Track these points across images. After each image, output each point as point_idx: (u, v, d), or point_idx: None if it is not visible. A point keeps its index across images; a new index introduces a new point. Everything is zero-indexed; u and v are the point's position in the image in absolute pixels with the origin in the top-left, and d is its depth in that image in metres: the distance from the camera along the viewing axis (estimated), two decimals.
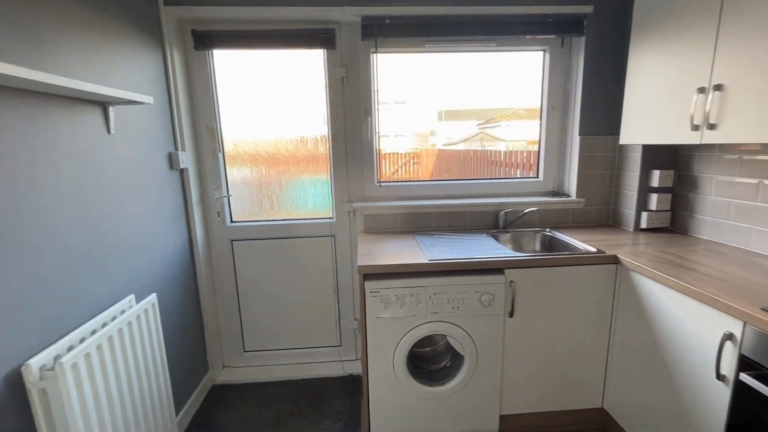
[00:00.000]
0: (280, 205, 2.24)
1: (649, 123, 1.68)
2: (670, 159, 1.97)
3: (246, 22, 1.95)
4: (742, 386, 1.11)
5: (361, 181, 2.18)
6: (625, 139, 1.82)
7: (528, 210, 2.07)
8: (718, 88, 1.37)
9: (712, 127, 1.40)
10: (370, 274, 1.59)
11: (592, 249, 1.71)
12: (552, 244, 2.03)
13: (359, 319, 2.29)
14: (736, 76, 1.32)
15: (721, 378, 1.18)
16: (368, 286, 1.56)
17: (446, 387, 1.69)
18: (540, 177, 2.27)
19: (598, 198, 2.19)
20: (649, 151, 1.97)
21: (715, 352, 1.19)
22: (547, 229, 2.10)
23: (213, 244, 2.19)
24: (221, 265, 2.22)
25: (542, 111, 2.22)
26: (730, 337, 1.14)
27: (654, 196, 1.96)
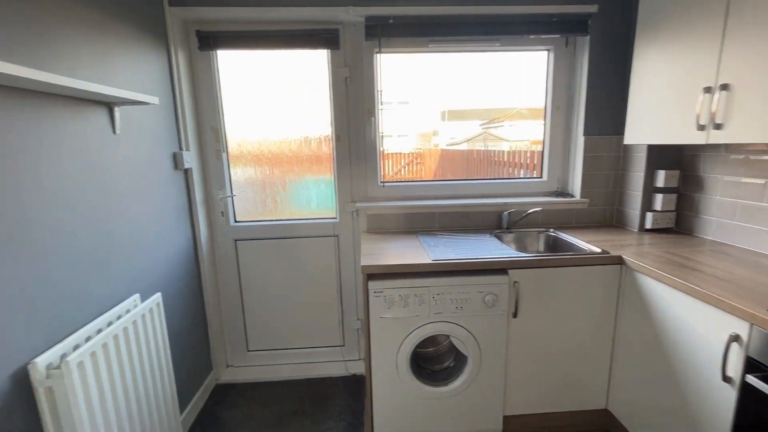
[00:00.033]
0: (284, 205, 2.25)
1: (654, 123, 1.68)
2: (675, 159, 1.96)
3: (250, 23, 1.95)
4: (748, 388, 1.10)
5: (365, 181, 2.18)
6: (630, 139, 1.81)
7: (532, 210, 2.07)
8: (725, 88, 1.36)
9: (719, 127, 1.39)
10: (374, 274, 1.59)
11: (597, 249, 1.70)
12: (556, 244, 2.02)
13: (362, 319, 2.29)
14: (743, 75, 1.31)
15: (727, 379, 1.17)
16: (372, 286, 1.57)
17: (449, 387, 1.69)
18: (544, 177, 2.27)
19: (603, 198, 2.18)
20: (654, 151, 1.95)
21: (721, 354, 1.18)
22: (551, 230, 2.10)
23: (217, 244, 2.20)
24: (225, 265, 2.23)
25: (546, 111, 2.21)
26: (736, 339, 1.14)
27: (659, 197, 1.95)
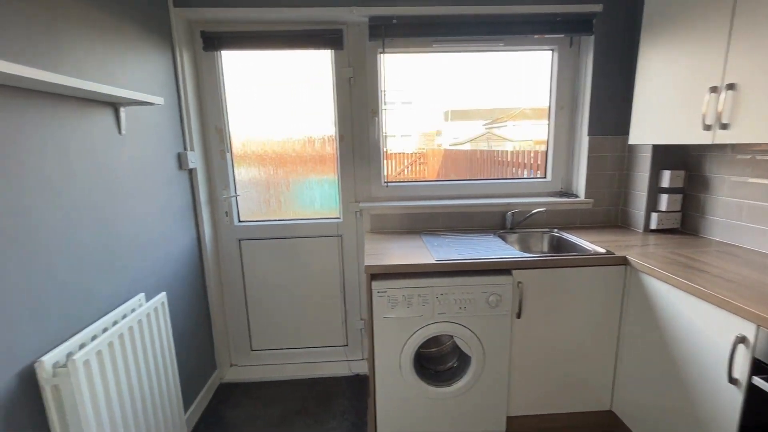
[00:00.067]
0: (288, 205, 2.25)
1: (660, 123, 1.67)
2: (681, 159, 1.95)
3: (254, 23, 1.96)
4: (755, 390, 1.09)
5: (368, 181, 2.18)
6: (635, 139, 1.80)
7: (536, 210, 2.06)
8: (731, 88, 1.35)
9: (725, 126, 1.38)
10: (378, 274, 1.59)
11: (601, 250, 1.69)
12: (560, 244, 2.01)
13: (366, 319, 2.30)
14: (750, 75, 1.30)
15: (734, 381, 1.16)
16: (375, 286, 1.57)
17: (453, 388, 1.68)
18: (548, 177, 2.26)
19: (607, 198, 2.17)
20: (659, 151, 1.94)
21: (727, 355, 1.18)
22: (555, 230, 2.09)
23: (221, 244, 2.21)
24: (229, 265, 2.24)
25: (550, 111, 2.20)
26: (742, 340, 1.13)
27: (664, 197, 1.94)
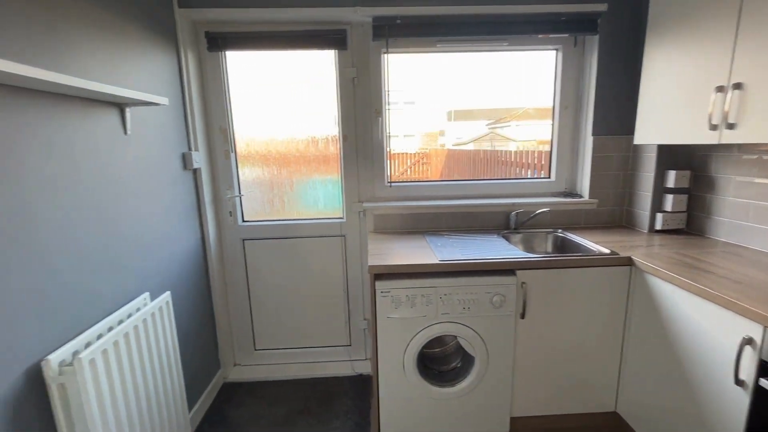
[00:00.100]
0: (291, 205, 2.26)
1: (665, 123, 1.65)
2: (686, 159, 1.94)
3: (258, 24, 1.96)
4: (762, 392, 1.09)
5: (372, 181, 2.18)
6: (640, 139, 1.79)
7: (540, 211, 2.05)
8: (738, 87, 1.34)
9: (731, 126, 1.37)
10: (381, 274, 1.59)
11: (606, 250, 1.69)
12: (564, 245, 2.01)
13: (369, 319, 2.30)
14: (757, 74, 1.28)
15: (740, 383, 1.15)
16: (379, 286, 1.57)
17: (456, 388, 1.68)
18: (552, 177, 2.25)
19: (612, 199, 2.16)
20: (665, 151, 1.93)
21: (733, 357, 1.17)
22: (559, 230, 2.08)
23: (225, 244, 2.22)
24: (233, 264, 2.24)
25: (554, 110, 2.19)
26: (749, 342, 1.12)
27: (669, 197, 1.92)
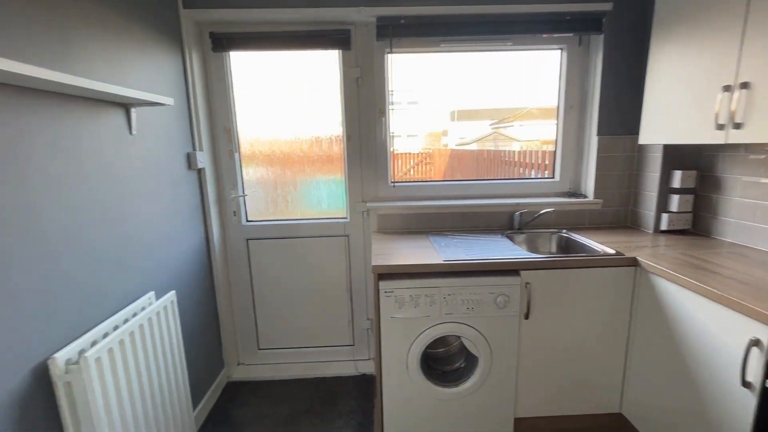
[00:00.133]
0: (295, 205, 2.26)
1: (671, 122, 1.64)
2: (692, 159, 1.92)
3: (262, 24, 1.97)
4: None
5: (375, 181, 2.18)
6: (645, 138, 1.78)
7: (544, 211, 2.05)
8: (745, 86, 1.33)
9: (738, 126, 1.36)
10: (385, 274, 1.59)
11: (611, 251, 1.68)
12: (568, 245, 2.00)
13: (373, 318, 2.30)
14: (765, 73, 1.27)
15: (747, 385, 1.14)
16: (383, 286, 1.57)
17: (460, 388, 1.68)
18: (556, 177, 2.24)
19: (617, 199, 2.14)
20: (670, 151, 1.92)
21: (740, 359, 1.16)
22: (564, 231, 2.07)
23: (229, 243, 2.23)
24: (237, 264, 2.25)
25: (559, 110, 2.18)
26: (756, 343, 1.11)
27: (675, 198, 1.91)
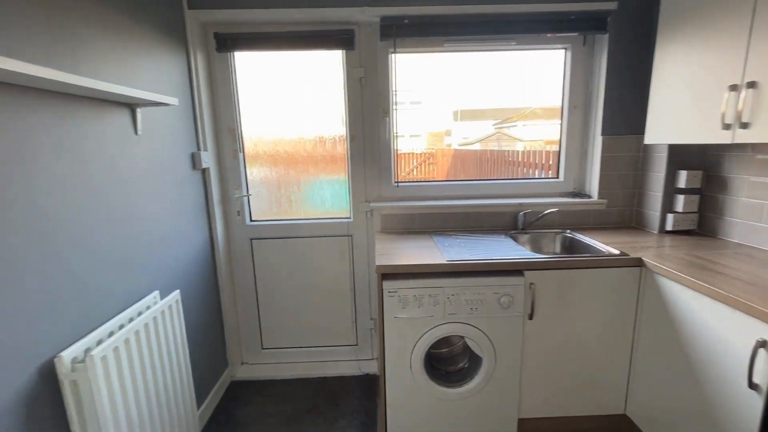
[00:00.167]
0: (298, 205, 2.27)
1: (676, 122, 1.63)
2: (698, 159, 1.91)
3: (267, 24, 1.97)
4: None
5: (379, 181, 2.18)
6: (651, 138, 1.77)
7: (548, 211, 2.04)
8: (752, 86, 1.32)
9: (745, 126, 1.35)
10: (388, 274, 1.59)
11: (615, 251, 1.67)
12: (573, 245, 1.99)
13: (376, 318, 2.30)
14: None
15: (754, 387, 1.13)
16: (386, 286, 1.57)
17: (464, 389, 1.67)
18: (560, 177, 2.23)
19: (621, 199, 2.13)
20: (676, 151, 1.90)
21: (747, 360, 1.15)
22: (568, 231, 2.06)
23: (233, 243, 2.23)
24: (241, 264, 2.26)
25: (563, 110, 2.18)
26: (764, 345, 1.10)
27: (680, 198, 1.90)
